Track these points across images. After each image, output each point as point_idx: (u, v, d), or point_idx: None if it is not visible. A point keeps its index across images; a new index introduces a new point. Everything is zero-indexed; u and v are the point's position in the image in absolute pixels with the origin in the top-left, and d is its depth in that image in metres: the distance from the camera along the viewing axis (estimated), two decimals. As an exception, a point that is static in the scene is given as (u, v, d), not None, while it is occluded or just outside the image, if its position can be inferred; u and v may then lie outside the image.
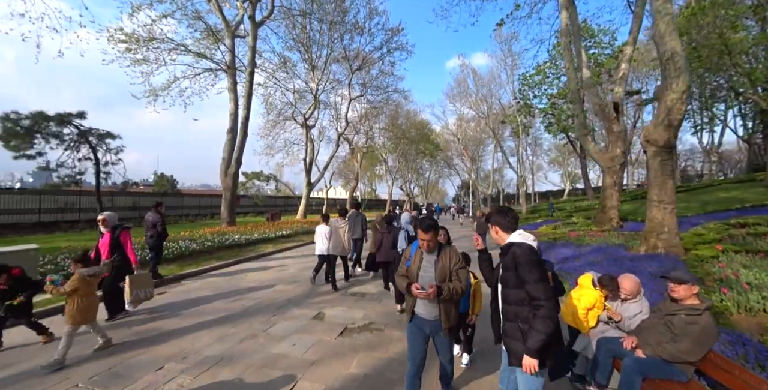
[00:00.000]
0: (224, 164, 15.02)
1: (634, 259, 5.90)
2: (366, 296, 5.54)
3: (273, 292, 5.69)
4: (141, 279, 4.55)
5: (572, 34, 11.16)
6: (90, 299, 3.47)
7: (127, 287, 4.40)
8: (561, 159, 54.75)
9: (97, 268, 3.67)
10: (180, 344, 3.61)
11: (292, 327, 4.14)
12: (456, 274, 2.29)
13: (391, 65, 23.47)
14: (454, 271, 2.30)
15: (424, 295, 2.18)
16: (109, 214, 4.61)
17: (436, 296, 2.19)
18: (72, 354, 3.35)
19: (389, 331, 4.04)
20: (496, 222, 2.05)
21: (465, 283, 2.29)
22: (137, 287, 4.45)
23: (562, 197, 50.31)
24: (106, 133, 16.85)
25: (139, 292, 4.47)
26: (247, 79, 15.47)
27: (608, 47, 23.60)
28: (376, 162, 36.80)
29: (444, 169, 53.17)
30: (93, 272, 3.55)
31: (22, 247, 5.41)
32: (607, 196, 11.12)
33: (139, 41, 14.57)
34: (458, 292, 2.23)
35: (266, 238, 11.95)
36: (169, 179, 35.17)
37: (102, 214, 4.56)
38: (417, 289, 2.20)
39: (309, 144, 22.77)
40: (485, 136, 47.30)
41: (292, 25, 20.22)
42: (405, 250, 2.58)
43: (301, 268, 7.75)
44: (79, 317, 3.32)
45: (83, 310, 3.36)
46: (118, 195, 18.99)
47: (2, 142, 15.37)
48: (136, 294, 4.43)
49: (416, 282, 2.30)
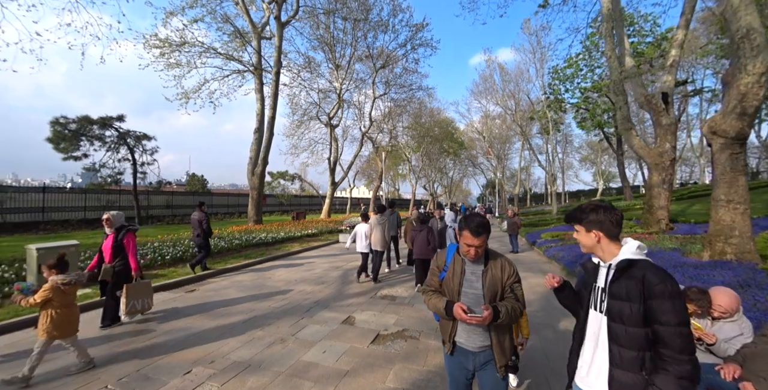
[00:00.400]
0: (251, 164, 15.27)
1: (699, 266, 5.22)
2: (397, 300, 5.25)
3: (300, 294, 5.53)
4: (139, 288, 4.17)
5: (614, 19, 10.31)
6: (67, 311, 2.98)
7: (123, 297, 4.02)
8: (593, 157, 51.97)
9: (75, 274, 3.08)
10: (207, 347, 3.49)
11: (322, 332, 3.92)
12: (511, 291, 1.78)
13: (415, 62, 23.13)
14: (508, 287, 1.77)
15: (478, 321, 1.62)
16: (115, 213, 4.21)
17: (491, 321, 1.64)
18: (101, 353, 3.31)
19: (425, 340, 3.73)
20: (596, 224, 1.41)
21: (524, 301, 1.79)
22: (134, 297, 4.08)
23: (595, 197, 47.66)
24: (142, 135, 17.67)
25: (135, 302, 4.09)
26: (273, 79, 15.64)
27: (649, 35, 21.93)
28: (399, 161, 36.49)
29: (468, 168, 52.00)
30: (69, 280, 2.99)
31: (64, 243, 5.59)
32: (655, 195, 10.19)
33: (172, 46, 15.10)
34: (517, 314, 1.72)
35: (292, 237, 11.97)
36: (200, 179, 36.61)
37: (107, 213, 4.15)
38: (465, 312, 1.62)
39: (333, 143, 22.83)
40: (512, 133, 45.79)
41: (316, 26, 20.34)
42: (436, 256, 1.99)
43: (328, 268, 7.60)
44: (55, 331, 2.88)
45: (59, 324, 2.90)
46: (153, 194, 19.82)
47: (53, 144, 16.51)
48: (132, 305, 4.05)
49: (457, 300, 1.76)
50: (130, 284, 4.07)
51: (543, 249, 10.27)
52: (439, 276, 1.89)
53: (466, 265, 1.83)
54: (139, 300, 4.12)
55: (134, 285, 4.11)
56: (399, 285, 6.19)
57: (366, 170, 39.93)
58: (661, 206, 9.91)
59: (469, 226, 1.72)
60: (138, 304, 4.11)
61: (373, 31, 20.73)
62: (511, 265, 1.83)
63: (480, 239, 1.71)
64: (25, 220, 14.44)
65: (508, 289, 1.77)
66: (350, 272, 7.23)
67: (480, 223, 1.72)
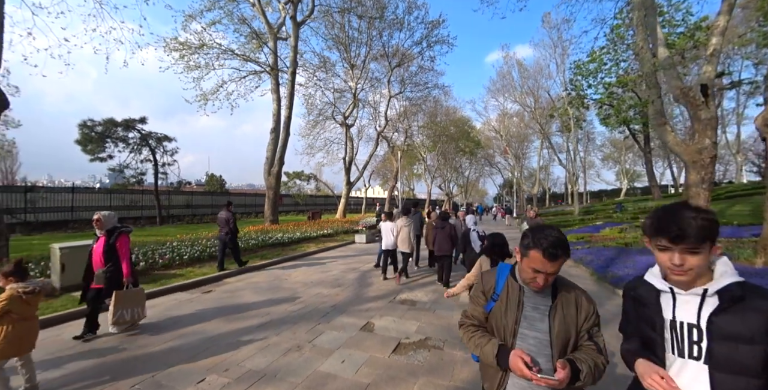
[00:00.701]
0: (268, 164, 15.34)
1: (753, 274, 4.73)
2: (417, 305, 5.00)
3: (317, 296, 5.36)
4: (130, 296, 3.76)
5: (646, 7, 9.68)
6: (26, 324, 2.58)
7: (112, 305, 3.64)
8: (616, 155, 49.96)
9: (39, 282, 2.70)
10: (221, 352, 3.35)
11: (340, 339, 3.72)
12: (590, 337, 1.29)
13: (431, 60, 22.75)
14: (584, 332, 1.29)
15: (551, 384, 1.15)
16: (106, 213, 3.79)
17: (567, 383, 1.15)
18: (115, 358, 3.22)
19: (450, 350, 3.47)
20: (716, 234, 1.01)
21: (607, 354, 1.29)
22: (124, 306, 3.69)
23: (619, 197, 45.76)
24: (163, 136, 18.11)
25: (125, 311, 3.68)
26: (289, 79, 15.67)
27: (681, 25, 20.74)
28: (414, 161, 36.13)
29: (485, 167, 51.00)
30: (33, 288, 2.60)
31: (85, 243, 5.63)
32: (693, 195, 9.45)
33: (191, 48, 15.37)
34: (601, 373, 1.23)
35: (308, 237, 11.90)
36: (219, 179, 37.42)
37: (97, 213, 3.74)
38: (529, 369, 1.16)
39: (348, 143, 22.77)
40: (530, 131, 44.58)
41: (331, 25, 20.31)
42: (482, 279, 1.51)
43: (344, 270, 7.42)
44: (9, 348, 2.45)
45: (14, 339, 2.47)
46: (174, 194, 20.30)
47: (81, 146, 17.17)
48: (121, 314, 3.65)
49: (512, 343, 1.32)
50: (121, 291, 3.69)
51: (568, 251, 9.76)
52: (486, 306, 1.42)
53: (525, 295, 1.35)
54: (129, 309, 3.73)
55: (125, 292, 3.73)
56: (418, 289, 5.94)
57: (381, 170, 39.79)
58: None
59: (541, 244, 1.19)
60: (127, 313, 3.71)
61: (388, 29, 20.55)
62: (589, 301, 1.32)
63: (557, 264, 1.21)
64: (55, 218, 15.04)
65: (585, 335, 1.28)
66: (367, 274, 7.03)
67: (557, 240, 1.20)
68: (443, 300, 5.25)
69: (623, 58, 25.30)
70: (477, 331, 1.41)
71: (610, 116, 26.85)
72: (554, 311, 1.29)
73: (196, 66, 16.00)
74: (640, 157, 46.25)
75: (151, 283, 5.69)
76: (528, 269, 1.26)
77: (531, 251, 1.24)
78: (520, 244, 1.31)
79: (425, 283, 6.38)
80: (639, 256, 7.30)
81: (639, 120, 26.22)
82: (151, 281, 5.78)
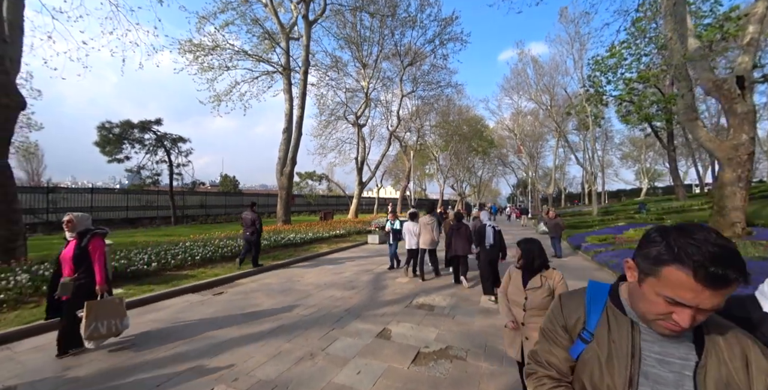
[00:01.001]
0: (280, 164, 15.32)
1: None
2: (435, 310, 4.74)
3: (330, 300, 5.16)
4: (106, 307, 3.26)
5: (677, -5, 9.14)
6: None
7: (84, 317, 3.14)
8: (636, 154, 48.25)
9: None
10: (231, 360, 3.17)
11: (355, 346, 3.50)
12: None
13: (443, 59, 22.40)
14: None
15: None
16: (78, 214, 3.39)
17: None
18: (119, 363, 3.07)
19: (474, 362, 3.20)
20: None
21: None
22: (99, 318, 3.19)
23: (639, 197, 44.16)
24: (178, 137, 18.34)
25: (99, 324, 3.18)
26: (301, 79, 15.62)
27: (708, 16, 19.72)
28: (426, 160, 35.75)
29: (498, 167, 50.13)
30: None
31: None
32: (727, 194, 8.88)
33: (205, 49, 15.51)
34: None
35: (320, 238, 11.76)
36: (232, 180, 37.93)
37: (69, 214, 3.34)
38: None
39: (360, 143, 22.63)
40: (545, 130, 43.52)
41: (342, 24, 20.21)
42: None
43: (357, 272, 7.21)
44: None
45: None
46: (188, 194, 20.56)
47: (99, 147, 17.56)
48: (95, 327, 3.16)
49: None
50: (94, 302, 3.21)
51: (591, 254, 9.29)
52: (571, 349, 0.92)
53: (643, 337, 0.84)
54: (105, 322, 3.23)
55: (100, 303, 3.25)
56: (435, 292, 5.66)
57: (393, 170, 39.54)
58: (735, 207, 8.62)
59: (693, 257, 0.69)
60: (103, 326, 3.21)
61: (400, 28, 20.33)
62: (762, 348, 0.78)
63: (721, 295, 0.69)
64: (75, 219, 15.41)
65: None
66: (381, 276, 6.80)
67: (724, 251, 0.69)
68: (462, 304, 4.98)
69: (645, 52, 24.29)
70: (552, 387, 0.91)
71: (630, 113, 25.83)
72: (704, 370, 0.76)
73: (209, 67, 16.16)
74: (661, 155, 44.59)
75: (163, 284, 5.60)
76: (658, 299, 0.75)
77: (669, 269, 0.72)
78: (641, 255, 0.80)
79: (442, 286, 6.10)
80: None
81: (662, 116, 25.14)
82: (163, 282, 5.71)
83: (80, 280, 3.21)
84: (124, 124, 17.16)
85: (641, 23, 20.96)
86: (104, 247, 3.38)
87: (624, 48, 24.21)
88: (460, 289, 5.87)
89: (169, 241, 8.68)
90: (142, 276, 6.01)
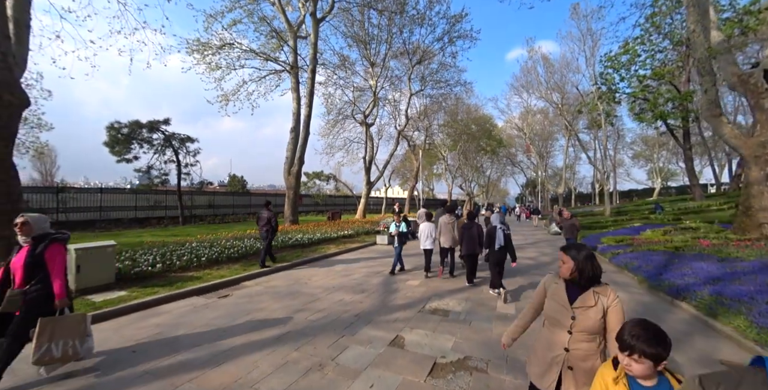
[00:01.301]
0: (287, 163, 15.20)
1: None
2: (450, 315, 4.48)
3: (339, 304, 4.94)
4: (64, 324, 2.71)
5: (700, -14, 8.73)
6: None
7: (35, 337, 2.58)
8: (648, 153, 47.11)
9: None
10: (235, 370, 2.96)
11: (366, 356, 3.27)
12: None
13: (452, 57, 22.06)
14: None
15: None
16: (35, 216, 2.83)
17: None
18: (119, 375, 2.88)
19: (496, 374, 2.94)
20: None
21: None
22: (54, 338, 2.63)
23: (651, 197, 43.11)
24: (186, 137, 18.36)
25: (53, 346, 2.61)
26: (309, 77, 15.48)
27: (727, 10, 19.02)
28: (434, 160, 35.40)
29: (507, 166, 49.48)
30: None
31: (100, 244, 5.48)
32: (754, 194, 8.45)
33: (213, 48, 15.47)
34: None
35: (328, 238, 11.57)
36: (240, 180, 38.05)
37: (23, 215, 2.77)
38: None
39: (368, 142, 22.44)
40: (555, 129, 42.81)
41: (350, 23, 20.03)
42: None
43: (367, 274, 6.98)
44: None
45: None
46: (196, 194, 20.58)
47: (109, 148, 17.66)
48: (46, 349, 2.58)
49: None
50: (49, 319, 2.67)
51: (608, 256, 8.93)
52: None
53: None
54: (60, 342, 2.65)
55: (56, 319, 2.70)
56: (449, 296, 5.41)
57: (401, 170, 39.26)
58: (763, 207, 8.20)
59: None
60: (57, 349, 2.62)
61: (408, 26, 20.05)
62: None
63: None
64: (84, 218, 15.49)
65: None
66: (392, 279, 6.57)
67: None
68: (478, 310, 4.73)
69: (660, 48, 23.63)
70: None
71: (644, 111, 25.15)
72: None
73: (217, 66, 16.12)
74: (675, 154, 43.45)
75: (167, 286, 5.45)
76: None
77: None
78: None
79: (455, 289, 5.84)
80: (696, 262, 6.43)
81: (677, 114, 24.39)
82: (168, 284, 5.56)
83: (32, 293, 2.64)
84: (132, 124, 17.21)
85: (656, 18, 20.40)
86: (65, 255, 2.87)
87: (638, 44, 23.58)
88: (474, 292, 5.62)
89: (175, 241, 8.57)
90: (147, 277, 5.88)
